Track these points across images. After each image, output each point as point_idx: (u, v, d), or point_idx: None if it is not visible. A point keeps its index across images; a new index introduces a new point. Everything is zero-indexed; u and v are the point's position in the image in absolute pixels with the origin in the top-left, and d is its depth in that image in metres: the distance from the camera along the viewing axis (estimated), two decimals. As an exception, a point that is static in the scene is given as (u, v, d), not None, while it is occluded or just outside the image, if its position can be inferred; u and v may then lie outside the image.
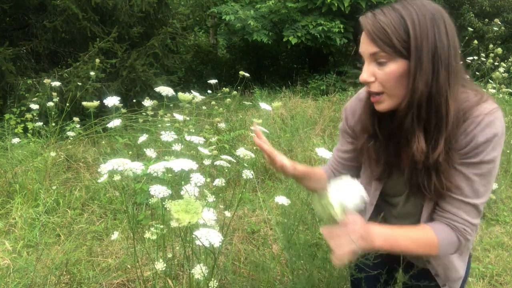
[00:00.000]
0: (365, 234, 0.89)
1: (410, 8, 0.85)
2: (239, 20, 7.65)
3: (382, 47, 0.85)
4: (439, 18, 0.85)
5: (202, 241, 0.89)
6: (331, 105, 5.93)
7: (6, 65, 4.50)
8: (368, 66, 0.90)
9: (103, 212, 2.96)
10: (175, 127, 2.02)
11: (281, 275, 2.15)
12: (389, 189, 1.09)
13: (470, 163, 0.90)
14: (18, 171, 3.13)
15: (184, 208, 0.86)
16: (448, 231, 0.94)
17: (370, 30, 0.86)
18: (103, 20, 5.34)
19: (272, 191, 3.37)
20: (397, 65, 0.86)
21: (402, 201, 1.07)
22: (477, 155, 0.89)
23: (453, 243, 0.95)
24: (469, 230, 0.94)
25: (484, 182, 0.91)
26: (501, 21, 6.90)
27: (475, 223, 0.94)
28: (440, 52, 0.84)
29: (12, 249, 2.42)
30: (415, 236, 0.95)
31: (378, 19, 0.86)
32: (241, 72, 2.61)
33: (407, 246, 0.94)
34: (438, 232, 0.94)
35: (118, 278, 2.21)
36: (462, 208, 0.93)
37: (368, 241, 0.89)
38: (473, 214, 0.94)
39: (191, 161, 1.02)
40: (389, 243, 0.93)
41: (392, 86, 0.88)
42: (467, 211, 0.93)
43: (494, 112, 0.89)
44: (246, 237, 2.67)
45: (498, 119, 0.89)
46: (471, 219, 0.94)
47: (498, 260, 2.61)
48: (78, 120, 3.63)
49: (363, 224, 0.91)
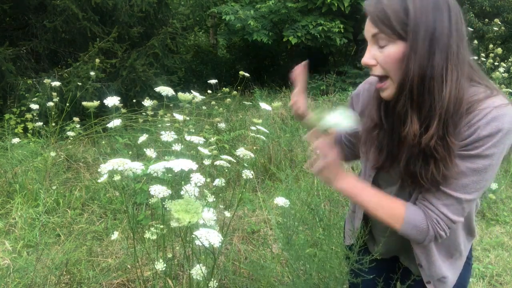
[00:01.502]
0: (333, 166, 0.93)
1: None
2: (239, 20, 7.65)
3: (381, 28, 0.85)
4: (444, 2, 0.84)
5: (202, 241, 0.89)
6: (331, 105, 5.93)
7: (6, 65, 4.50)
8: (370, 49, 0.89)
9: (103, 212, 2.96)
10: (175, 127, 2.02)
11: (281, 275, 2.15)
12: (381, 179, 1.09)
13: (466, 155, 0.87)
14: (18, 171, 3.13)
15: (184, 208, 0.86)
16: (420, 215, 0.93)
17: (371, 11, 0.86)
18: (103, 20, 5.34)
19: (272, 191, 3.37)
20: (396, 47, 0.85)
21: (394, 192, 1.05)
22: (475, 148, 0.86)
23: (421, 229, 0.93)
24: (442, 223, 0.91)
25: (475, 179, 0.88)
26: (501, 21, 6.90)
27: (453, 219, 0.91)
28: (439, 34, 0.83)
29: (12, 249, 2.42)
30: (382, 201, 0.96)
31: (380, 1, 0.86)
32: (241, 72, 2.61)
33: (369, 204, 0.96)
34: (408, 211, 0.94)
35: (118, 278, 2.21)
36: (442, 200, 0.90)
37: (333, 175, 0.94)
38: (454, 209, 0.90)
39: (191, 161, 1.02)
40: (352, 191, 0.96)
41: (393, 69, 0.87)
42: (447, 204, 0.90)
43: (504, 107, 0.85)
44: (246, 237, 2.67)
45: (507, 115, 0.84)
46: (449, 214, 0.90)
47: (498, 260, 2.61)
48: (78, 120, 3.63)
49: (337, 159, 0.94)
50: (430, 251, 1.03)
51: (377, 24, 0.86)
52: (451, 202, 0.90)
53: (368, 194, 0.96)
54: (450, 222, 0.92)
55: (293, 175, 3.46)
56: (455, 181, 0.89)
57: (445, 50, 0.83)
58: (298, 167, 3.71)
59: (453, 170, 0.88)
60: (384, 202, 0.96)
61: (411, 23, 0.83)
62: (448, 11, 0.84)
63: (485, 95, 0.87)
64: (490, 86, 0.89)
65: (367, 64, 0.90)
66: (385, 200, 0.96)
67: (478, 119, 0.85)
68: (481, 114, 0.84)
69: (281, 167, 3.68)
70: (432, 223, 0.92)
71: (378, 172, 1.07)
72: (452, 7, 0.85)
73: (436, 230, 0.92)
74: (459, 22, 0.85)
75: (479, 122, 0.84)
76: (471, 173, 0.87)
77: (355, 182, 0.97)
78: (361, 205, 0.98)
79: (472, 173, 0.87)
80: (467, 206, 0.91)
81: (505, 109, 0.84)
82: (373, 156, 1.03)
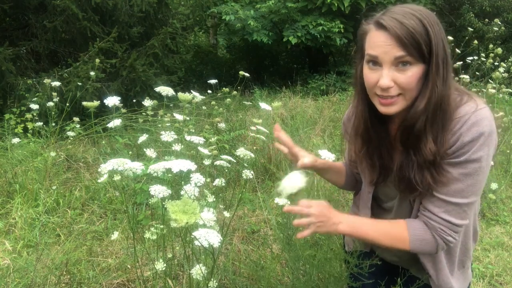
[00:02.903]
0: (322, 217, 0.94)
1: (421, 13, 0.87)
2: (239, 20, 7.65)
3: (410, 51, 0.86)
4: (439, 23, 0.89)
5: (201, 242, 0.89)
6: (331, 105, 5.93)
7: (6, 65, 4.50)
8: (388, 71, 0.88)
9: (103, 212, 2.96)
10: (175, 127, 2.02)
11: (281, 275, 2.15)
12: (381, 193, 1.11)
13: (456, 163, 0.90)
14: (18, 171, 3.13)
15: (182, 209, 0.86)
16: (423, 229, 0.95)
17: (399, 34, 0.85)
18: (103, 20, 5.34)
19: (272, 191, 3.37)
20: (418, 69, 0.87)
21: (395, 205, 1.07)
22: (462, 154, 0.89)
23: (428, 241, 0.95)
24: (446, 230, 0.94)
25: (470, 182, 0.91)
26: (501, 21, 6.89)
27: (457, 223, 0.94)
28: (447, 56, 0.88)
29: (12, 249, 2.42)
30: (383, 229, 0.98)
31: (403, 23, 0.85)
32: (241, 72, 2.61)
33: (374, 237, 0.98)
34: (411, 229, 0.96)
35: (118, 278, 2.21)
36: (443, 207, 0.93)
37: (328, 224, 0.95)
38: (455, 214, 0.93)
39: (190, 162, 1.02)
40: (354, 230, 0.98)
41: (411, 89, 0.89)
42: (448, 210, 0.93)
43: (481, 110, 0.89)
44: (246, 237, 2.67)
45: (485, 118, 0.88)
46: (452, 219, 0.93)
47: (498, 260, 2.61)
48: (78, 120, 3.63)
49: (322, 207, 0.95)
50: (436, 260, 1.04)
51: (406, 47, 0.85)
52: (451, 208, 0.93)
53: (367, 228, 0.99)
54: (455, 227, 0.94)
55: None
56: (451, 187, 0.92)
57: (450, 70, 0.89)
58: (298, 167, 3.70)
59: (446, 177, 0.91)
60: (385, 229, 0.98)
61: (434, 46, 0.86)
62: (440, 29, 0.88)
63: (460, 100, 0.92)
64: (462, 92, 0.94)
65: (389, 86, 0.89)
66: (385, 227, 0.99)
67: (460, 127, 0.89)
68: (461, 121, 0.89)
69: (281, 167, 3.67)
70: (436, 232, 0.95)
71: (376, 188, 1.10)
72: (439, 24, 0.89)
73: (442, 237, 0.95)
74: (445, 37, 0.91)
75: (461, 129, 0.89)
76: (464, 178, 0.91)
77: (351, 221, 0.99)
78: (365, 239, 1.00)
79: (465, 178, 0.91)
80: (467, 208, 0.94)
81: (482, 112, 0.89)
82: (368, 173, 1.07)
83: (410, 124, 0.92)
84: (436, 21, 0.88)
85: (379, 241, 0.98)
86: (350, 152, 1.14)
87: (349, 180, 1.25)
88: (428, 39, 0.86)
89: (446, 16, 9.01)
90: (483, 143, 0.88)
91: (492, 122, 0.89)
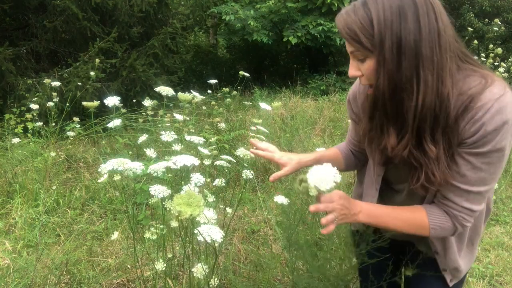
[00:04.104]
0: (345, 210, 0.92)
1: (379, 1, 0.82)
2: (239, 20, 7.65)
3: (355, 46, 0.85)
4: (409, 6, 0.81)
5: (204, 237, 0.90)
6: (331, 105, 5.93)
7: (6, 65, 4.50)
8: (352, 62, 0.90)
9: (103, 212, 2.96)
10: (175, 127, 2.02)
11: (281, 275, 2.15)
12: (392, 175, 1.09)
13: (479, 153, 0.86)
14: (18, 171, 3.13)
15: (186, 201, 0.87)
16: (443, 217, 0.94)
17: (342, 31, 0.86)
18: (103, 20, 5.34)
19: (272, 191, 3.37)
20: (372, 61, 0.85)
21: (406, 188, 1.05)
22: (486, 144, 0.85)
23: (447, 228, 0.95)
24: (467, 217, 0.93)
25: (492, 170, 0.88)
26: (501, 21, 6.90)
27: (476, 209, 0.93)
28: (406, 43, 0.80)
29: (12, 249, 2.42)
30: (403, 216, 0.97)
31: (347, 19, 0.85)
32: (241, 72, 2.61)
33: (395, 224, 0.97)
34: (431, 217, 0.95)
35: (118, 278, 2.21)
36: (464, 196, 0.91)
37: (349, 215, 0.93)
38: (476, 201, 0.92)
39: (193, 157, 1.03)
40: (374, 219, 0.96)
41: (372, 80, 0.88)
42: (469, 199, 0.91)
43: (505, 97, 0.84)
44: (246, 237, 2.67)
45: (508, 105, 0.83)
46: (473, 206, 0.92)
47: (498, 260, 2.61)
48: (78, 120, 3.63)
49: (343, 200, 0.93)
50: (446, 239, 1.04)
51: (350, 42, 0.85)
52: (473, 196, 0.91)
53: (387, 217, 0.98)
54: (474, 213, 0.93)
55: (293, 175, 3.45)
56: (473, 176, 0.89)
57: (414, 58, 0.81)
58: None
59: (466, 167, 0.88)
60: (405, 217, 0.97)
61: (376, 36, 0.81)
62: (415, 14, 0.81)
63: (482, 86, 0.85)
64: (484, 74, 0.88)
65: (354, 75, 0.91)
66: (405, 215, 0.97)
67: (482, 114, 0.83)
68: (484, 109, 0.83)
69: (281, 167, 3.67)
70: (457, 220, 0.94)
71: (387, 170, 1.08)
72: (420, 7, 0.81)
73: (461, 223, 0.94)
74: (432, 21, 0.81)
75: (484, 117, 0.83)
76: (487, 167, 0.87)
77: (370, 209, 0.98)
78: (385, 227, 0.99)
79: (488, 167, 0.88)
80: (487, 194, 0.93)
81: (506, 99, 0.83)
82: (377, 155, 1.03)
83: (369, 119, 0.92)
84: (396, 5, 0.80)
85: (399, 229, 0.97)
86: (358, 132, 1.11)
87: (349, 162, 1.23)
88: (371, 29, 0.81)
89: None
90: (507, 131, 0.84)
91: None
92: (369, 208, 0.98)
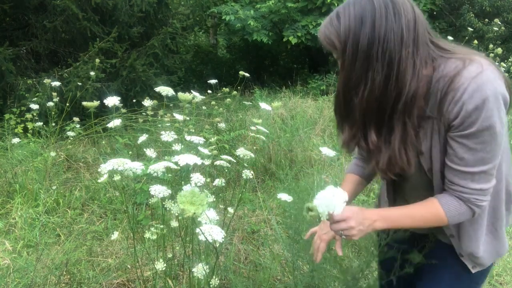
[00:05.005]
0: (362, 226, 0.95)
1: (351, 9, 0.88)
2: (239, 20, 7.65)
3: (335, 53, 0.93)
4: (369, 11, 0.86)
5: (205, 236, 0.90)
6: (331, 105, 5.90)
7: (6, 65, 4.50)
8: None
9: (103, 212, 2.96)
10: (175, 127, 2.02)
11: (281, 275, 2.15)
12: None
13: (469, 134, 0.87)
14: (18, 171, 3.13)
15: (190, 200, 0.87)
16: (456, 202, 0.95)
17: (323, 42, 0.93)
18: (103, 20, 5.34)
19: (272, 191, 3.37)
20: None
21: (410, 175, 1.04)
22: (472, 125, 0.86)
23: (464, 213, 0.95)
24: (480, 197, 0.93)
25: (488, 149, 0.88)
26: (501, 21, 6.90)
27: (487, 188, 0.93)
28: (360, 47, 0.86)
29: (12, 249, 2.42)
30: (419, 213, 0.98)
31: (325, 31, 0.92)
32: (241, 72, 2.61)
33: (412, 223, 0.99)
34: (444, 205, 0.96)
35: (118, 278, 2.21)
36: (469, 178, 0.92)
37: (365, 227, 0.96)
38: (483, 180, 0.92)
39: (195, 157, 1.03)
40: (390, 223, 0.99)
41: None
42: (475, 179, 0.92)
43: (482, 74, 0.85)
44: (246, 237, 2.67)
45: (487, 82, 0.84)
46: (481, 186, 0.92)
47: (498, 260, 2.61)
48: (78, 120, 3.63)
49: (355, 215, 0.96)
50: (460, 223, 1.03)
51: (330, 50, 0.93)
52: (478, 176, 0.91)
53: (403, 218, 0.99)
54: (486, 191, 0.94)
55: (293, 174, 3.46)
56: (470, 157, 0.90)
57: (366, 59, 0.86)
58: (298, 167, 3.71)
59: (462, 149, 0.90)
60: (420, 214, 0.98)
61: (342, 43, 0.88)
62: (371, 18, 0.85)
63: (461, 67, 0.87)
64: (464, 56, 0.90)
65: None
66: (420, 212, 0.99)
67: (461, 95, 0.85)
68: (462, 89, 0.85)
69: (281, 167, 3.67)
70: (469, 203, 0.94)
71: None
72: (377, 10, 0.85)
73: (476, 204, 0.94)
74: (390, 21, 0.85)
75: (462, 97, 0.85)
76: (482, 146, 0.88)
77: (385, 215, 1.00)
78: (403, 227, 1.01)
79: (483, 146, 0.88)
80: (493, 171, 0.93)
81: (483, 76, 0.85)
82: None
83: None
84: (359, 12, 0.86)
85: (418, 226, 1.00)
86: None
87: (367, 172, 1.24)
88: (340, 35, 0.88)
89: (446, 16, 9.01)
90: (491, 107, 0.84)
91: (496, 83, 0.85)
92: (384, 214, 1.00)
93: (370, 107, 0.89)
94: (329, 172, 3.49)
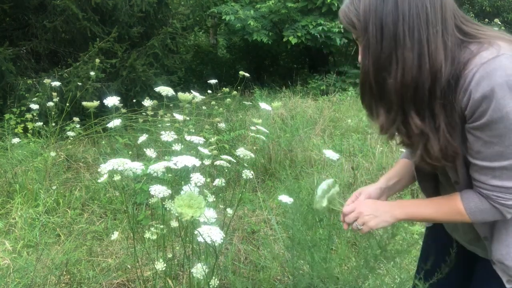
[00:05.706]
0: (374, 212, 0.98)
1: None
2: (239, 20, 7.65)
3: (354, 32, 0.90)
4: None
5: (204, 238, 0.90)
6: (331, 105, 5.93)
7: (6, 65, 4.50)
8: (359, 48, 0.93)
9: (103, 212, 2.96)
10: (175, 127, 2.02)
11: (281, 275, 2.15)
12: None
13: (481, 126, 0.81)
14: (18, 171, 3.13)
15: (187, 203, 0.87)
16: (477, 199, 0.90)
17: (343, 21, 0.92)
18: (103, 20, 5.34)
19: (272, 191, 3.37)
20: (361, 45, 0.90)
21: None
22: (482, 115, 0.80)
23: (486, 210, 0.89)
24: (500, 195, 0.86)
25: (507, 143, 0.80)
26: (501, 21, 6.90)
27: (509, 186, 0.85)
28: (385, 25, 0.83)
29: (12, 249, 2.42)
30: (437, 207, 0.98)
31: (345, 9, 0.91)
32: (241, 72, 2.61)
33: (432, 216, 0.98)
34: (464, 200, 0.92)
35: (118, 278, 2.21)
36: (489, 173, 0.86)
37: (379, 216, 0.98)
38: (506, 177, 0.84)
39: (194, 158, 1.03)
40: (411, 215, 0.99)
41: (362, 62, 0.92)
42: (497, 175, 0.85)
43: (494, 60, 0.78)
44: (246, 237, 2.67)
45: (499, 68, 0.77)
46: (503, 183, 0.85)
47: None
48: (78, 120, 3.63)
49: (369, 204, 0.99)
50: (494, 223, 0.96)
51: (349, 29, 0.91)
52: (499, 172, 0.85)
53: (423, 210, 0.99)
54: (508, 189, 0.86)
55: (293, 175, 3.46)
56: (488, 151, 0.84)
57: (393, 38, 0.83)
58: (298, 167, 3.71)
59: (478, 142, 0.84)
60: (440, 206, 0.97)
61: (362, 21, 0.86)
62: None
63: (476, 52, 0.82)
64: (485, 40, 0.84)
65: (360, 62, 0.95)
66: (440, 204, 0.98)
67: (468, 82, 0.80)
68: (469, 76, 0.80)
69: (281, 167, 3.67)
70: (492, 200, 0.88)
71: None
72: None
73: (498, 202, 0.87)
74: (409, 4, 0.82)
75: (470, 85, 0.80)
76: (498, 140, 0.81)
77: (406, 205, 1.00)
78: (423, 220, 1.02)
79: (500, 140, 0.81)
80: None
81: (495, 62, 0.78)
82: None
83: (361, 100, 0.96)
84: None
85: (438, 219, 0.99)
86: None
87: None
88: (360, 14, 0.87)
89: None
90: (502, 96, 0.76)
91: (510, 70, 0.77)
92: (404, 204, 1.00)
93: (407, 88, 0.84)
94: (329, 172, 3.49)
